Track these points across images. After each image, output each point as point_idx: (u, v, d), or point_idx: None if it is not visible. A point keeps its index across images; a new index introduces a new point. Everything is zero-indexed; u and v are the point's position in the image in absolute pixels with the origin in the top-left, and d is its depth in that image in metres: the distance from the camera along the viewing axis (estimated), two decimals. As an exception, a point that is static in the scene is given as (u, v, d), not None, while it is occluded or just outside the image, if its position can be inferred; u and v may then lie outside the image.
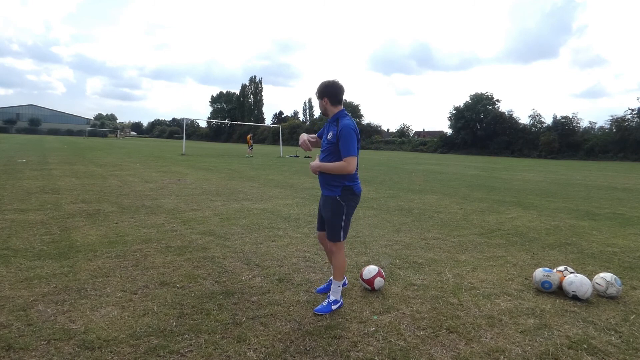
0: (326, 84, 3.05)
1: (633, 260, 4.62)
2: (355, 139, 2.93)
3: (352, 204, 3.07)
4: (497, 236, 5.62)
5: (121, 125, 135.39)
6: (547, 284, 3.48)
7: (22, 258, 3.89)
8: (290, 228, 5.64)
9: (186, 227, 5.43)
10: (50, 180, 9.74)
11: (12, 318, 2.70)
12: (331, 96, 3.03)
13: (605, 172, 22.92)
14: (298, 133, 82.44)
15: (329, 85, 3.04)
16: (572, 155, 49.35)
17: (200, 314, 2.88)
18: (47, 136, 71.62)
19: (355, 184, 3.06)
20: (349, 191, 3.02)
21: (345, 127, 2.91)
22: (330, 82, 3.05)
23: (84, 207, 6.55)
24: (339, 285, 3.07)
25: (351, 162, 2.90)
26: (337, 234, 3.05)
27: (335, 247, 3.08)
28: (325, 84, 3.05)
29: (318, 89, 3.07)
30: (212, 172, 13.88)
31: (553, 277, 3.49)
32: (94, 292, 3.17)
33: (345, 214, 3.03)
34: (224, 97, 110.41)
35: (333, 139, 2.97)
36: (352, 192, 3.03)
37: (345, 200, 3.02)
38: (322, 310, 2.98)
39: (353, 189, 3.03)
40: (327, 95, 3.03)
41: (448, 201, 8.75)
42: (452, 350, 2.53)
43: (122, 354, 2.34)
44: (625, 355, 2.54)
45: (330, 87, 3.04)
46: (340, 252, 3.10)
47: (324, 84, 3.06)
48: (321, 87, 3.06)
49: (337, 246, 3.08)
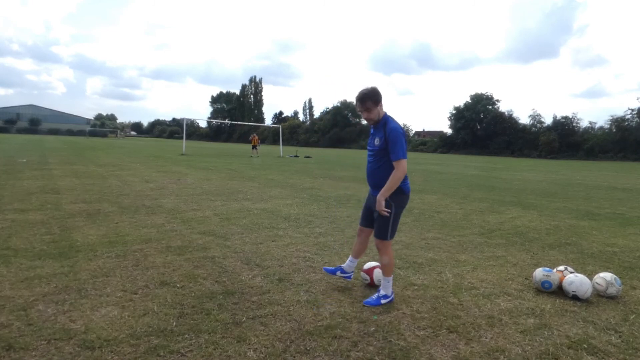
0: (375, 89, 3.06)
1: (633, 260, 4.62)
2: (404, 142, 2.99)
3: (402, 204, 3.15)
4: (497, 236, 5.63)
5: (121, 125, 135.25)
6: (547, 283, 3.48)
7: (22, 258, 3.89)
8: (290, 228, 5.64)
9: (186, 227, 5.43)
10: (51, 180, 9.75)
11: (12, 318, 2.70)
12: (381, 99, 3.06)
13: (605, 172, 22.92)
14: (298, 133, 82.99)
15: (377, 90, 3.07)
16: (572, 155, 49.36)
17: (201, 313, 2.88)
18: (47, 136, 71.60)
19: (405, 184, 3.11)
20: (399, 191, 3.07)
21: (394, 131, 2.97)
22: (375, 87, 3.07)
23: (84, 207, 6.56)
24: (388, 281, 3.18)
25: (401, 165, 2.96)
26: (384, 232, 3.12)
27: (382, 245, 3.15)
28: (375, 90, 3.06)
29: (372, 96, 3.03)
30: (212, 172, 13.88)
31: (553, 277, 3.49)
32: (94, 292, 3.17)
33: (394, 213, 3.09)
34: (224, 97, 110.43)
35: (381, 145, 3.01)
36: (402, 192, 3.10)
37: (395, 200, 3.08)
38: (371, 303, 3.10)
39: (403, 189, 3.09)
40: (381, 99, 3.06)
41: (448, 201, 8.76)
42: (452, 350, 2.53)
43: (122, 353, 2.34)
44: (625, 355, 2.54)
45: (379, 91, 3.07)
46: (388, 250, 3.17)
47: (374, 90, 3.06)
48: (374, 92, 3.04)
49: (383, 244, 3.15)
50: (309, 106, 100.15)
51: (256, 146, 28.48)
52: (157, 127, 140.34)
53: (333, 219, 6.35)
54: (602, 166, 31.27)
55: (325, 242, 4.93)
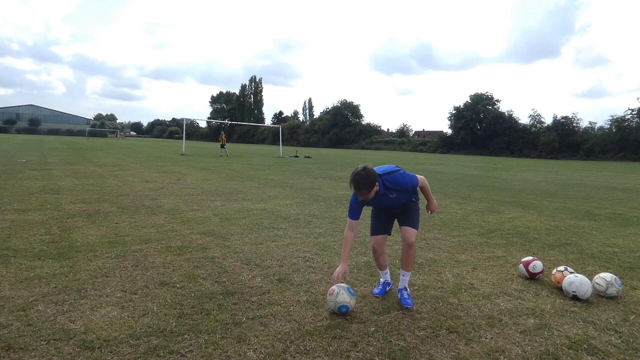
0: (370, 173, 2.91)
1: (633, 260, 4.62)
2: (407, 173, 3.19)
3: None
4: (497, 236, 5.62)
5: (121, 125, 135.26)
6: (344, 308, 2.94)
7: (22, 258, 3.89)
8: (290, 228, 5.64)
9: (186, 227, 5.43)
10: (50, 180, 9.74)
11: (12, 318, 2.70)
12: (377, 180, 2.96)
13: (605, 172, 22.92)
14: (298, 133, 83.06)
15: (371, 173, 2.92)
16: (572, 155, 49.38)
17: (200, 314, 2.88)
18: (47, 136, 71.59)
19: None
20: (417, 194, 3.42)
21: (396, 181, 3.09)
22: (369, 170, 2.92)
23: (84, 207, 6.55)
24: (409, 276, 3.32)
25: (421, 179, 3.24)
26: (418, 223, 3.33)
27: (416, 236, 3.29)
28: (370, 173, 2.90)
29: (369, 182, 2.89)
30: (212, 172, 13.87)
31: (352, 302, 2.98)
32: (94, 292, 3.17)
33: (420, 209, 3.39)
34: (224, 97, 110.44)
35: (404, 200, 3.25)
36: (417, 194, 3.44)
37: (417, 199, 3.39)
38: (410, 302, 3.17)
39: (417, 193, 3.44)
40: (376, 180, 2.95)
41: (448, 201, 8.75)
42: (452, 350, 2.53)
43: (122, 354, 2.34)
44: (625, 355, 2.54)
45: (373, 173, 2.93)
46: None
47: (369, 174, 2.90)
48: (370, 178, 2.89)
49: (416, 236, 3.30)
50: (309, 106, 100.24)
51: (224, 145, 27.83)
52: (156, 127, 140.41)
53: (333, 219, 6.35)
54: (602, 166, 31.26)
55: (325, 242, 4.93)
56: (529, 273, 3.83)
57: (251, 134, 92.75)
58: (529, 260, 3.89)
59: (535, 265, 3.83)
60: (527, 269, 3.84)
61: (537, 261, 3.87)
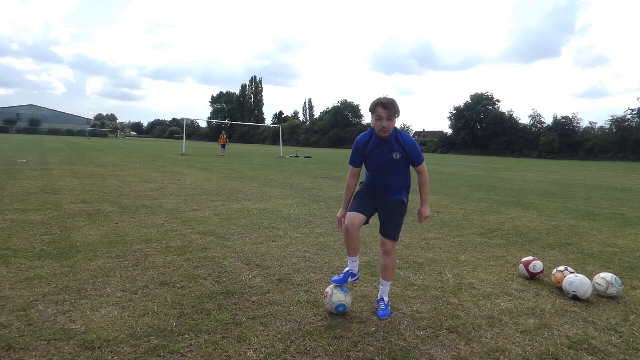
0: (394, 100, 2.87)
1: (633, 260, 4.62)
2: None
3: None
4: (497, 236, 5.62)
5: (121, 125, 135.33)
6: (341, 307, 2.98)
7: (22, 258, 3.89)
8: (290, 228, 5.64)
9: (186, 227, 5.43)
10: (50, 180, 9.74)
11: (12, 318, 2.70)
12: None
13: (605, 172, 22.92)
14: (298, 133, 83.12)
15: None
16: (572, 155, 49.39)
17: (200, 314, 2.88)
18: (47, 136, 71.59)
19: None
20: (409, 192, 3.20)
21: (410, 141, 3.01)
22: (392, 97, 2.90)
23: (84, 207, 6.55)
24: (389, 285, 3.14)
25: (425, 167, 3.09)
26: (399, 233, 3.16)
27: (394, 246, 3.14)
28: (394, 101, 2.87)
29: (397, 105, 2.87)
30: (212, 172, 13.87)
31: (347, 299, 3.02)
32: (94, 292, 3.17)
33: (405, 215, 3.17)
34: (224, 97, 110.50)
35: (400, 158, 2.99)
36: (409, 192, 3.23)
37: (408, 200, 3.18)
38: (386, 314, 3.00)
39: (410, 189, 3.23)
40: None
41: (448, 201, 8.76)
42: (452, 350, 2.53)
43: (122, 353, 2.34)
44: (625, 355, 2.54)
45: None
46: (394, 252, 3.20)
47: (393, 101, 2.86)
48: (395, 103, 2.85)
49: (394, 246, 3.15)
50: (309, 106, 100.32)
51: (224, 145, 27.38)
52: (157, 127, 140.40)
53: (333, 219, 6.35)
54: (602, 166, 31.26)
55: (325, 242, 4.93)
56: (529, 273, 3.83)
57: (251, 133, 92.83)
58: (529, 260, 3.90)
59: (536, 265, 3.84)
60: (527, 269, 3.84)
61: (537, 261, 3.87)
